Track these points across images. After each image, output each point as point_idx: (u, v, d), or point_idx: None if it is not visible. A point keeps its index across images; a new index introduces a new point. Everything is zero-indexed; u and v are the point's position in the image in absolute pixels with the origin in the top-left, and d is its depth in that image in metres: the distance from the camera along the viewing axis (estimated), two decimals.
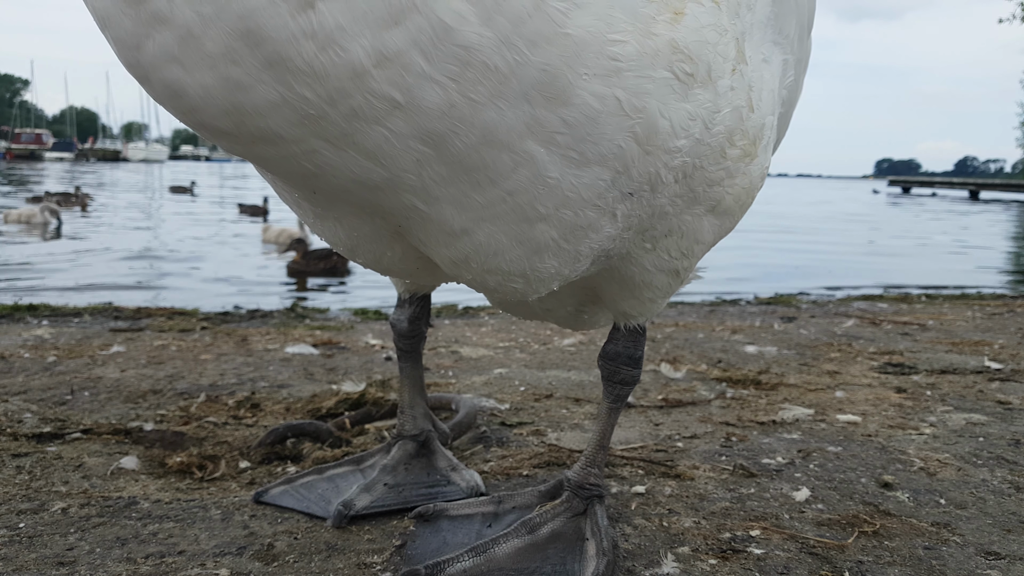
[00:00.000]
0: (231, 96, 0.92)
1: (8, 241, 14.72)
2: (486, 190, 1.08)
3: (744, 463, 2.13)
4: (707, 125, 1.17)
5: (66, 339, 3.72)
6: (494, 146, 1.02)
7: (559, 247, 1.21)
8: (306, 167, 1.02)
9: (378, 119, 0.95)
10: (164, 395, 2.74)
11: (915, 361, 3.60)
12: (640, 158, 1.12)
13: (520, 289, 1.30)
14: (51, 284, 9.90)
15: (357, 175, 1.03)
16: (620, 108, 1.05)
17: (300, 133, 0.96)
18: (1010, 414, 2.72)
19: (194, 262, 12.62)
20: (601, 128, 1.06)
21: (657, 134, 1.11)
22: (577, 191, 1.12)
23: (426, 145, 0.99)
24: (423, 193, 1.08)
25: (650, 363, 3.44)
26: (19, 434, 2.23)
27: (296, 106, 0.92)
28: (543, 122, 1.02)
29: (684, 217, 1.33)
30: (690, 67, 1.10)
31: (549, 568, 1.48)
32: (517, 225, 1.15)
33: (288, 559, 1.54)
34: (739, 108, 1.22)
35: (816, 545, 1.65)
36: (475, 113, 0.97)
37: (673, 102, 1.10)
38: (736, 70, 1.19)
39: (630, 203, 1.19)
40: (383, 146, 0.98)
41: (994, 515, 1.84)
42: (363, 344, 3.82)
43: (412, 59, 0.90)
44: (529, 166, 1.06)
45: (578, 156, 1.08)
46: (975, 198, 65.09)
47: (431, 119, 0.96)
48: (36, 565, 1.49)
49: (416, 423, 1.94)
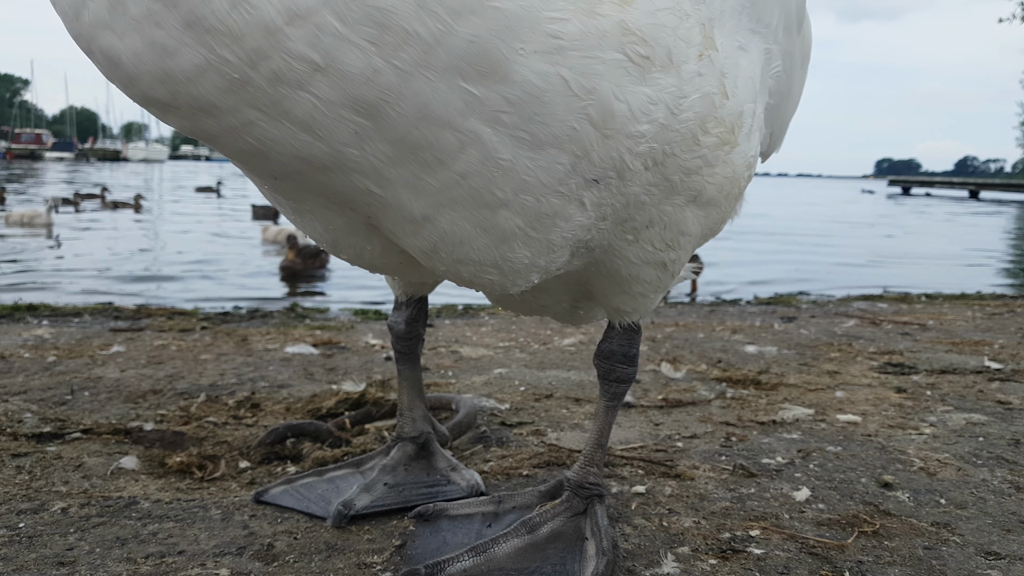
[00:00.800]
0: (160, 62, 0.93)
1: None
2: (437, 172, 1.07)
3: (744, 463, 2.13)
4: (672, 110, 1.15)
5: (66, 339, 3.72)
6: (433, 122, 1.00)
7: (527, 236, 1.19)
8: (250, 143, 1.02)
9: (301, 83, 0.94)
10: (164, 395, 2.74)
11: (915, 361, 3.60)
12: (599, 142, 1.10)
13: (496, 281, 1.28)
14: (52, 281, 9.91)
15: (299, 151, 1.02)
16: (568, 88, 1.03)
17: (232, 101, 0.96)
18: (1010, 414, 2.72)
19: (195, 262, 12.63)
20: (550, 108, 1.04)
21: (614, 117, 1.09)
22: (535, 175, 1.10)
23: (360, 115, 0.98)
24: (374, 174, 1.07)
25: (650, 363, 3.44)
26: (19, 434, 2.23)
27: (220, 70, 0.92)
28: (483, 99, 1.00)
29: (664, 207, 1.30)
30: (645, 50, 1.08)
31: (549, 568, 1.48)
32: (478, 211, 1.13)
33: (288, 559, 1.54)
34: (710, 95, 1.20)
35: (816, 545, 1.65)
36: (404, 83, 0.96)
37: (629, 85, 1.08)
38: (704, 56, 1.17)
39: (597, 190, 1.17)
40: (314, 115, 0.97)
41: (994, 515, 1.84)
42: (363, 344, 3.82)
43: (325, 19, 0.90)
44: (476, 146, 1.05)
45: (529, 137, 1.06)
46: (975, 198, 65.11)
47: (356, 85, 0.95)
48: (36, 565, 1.49)
49: (415, 425, 1.94)
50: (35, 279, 10.33)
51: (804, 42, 1.69)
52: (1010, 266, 16.26)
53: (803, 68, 1.75)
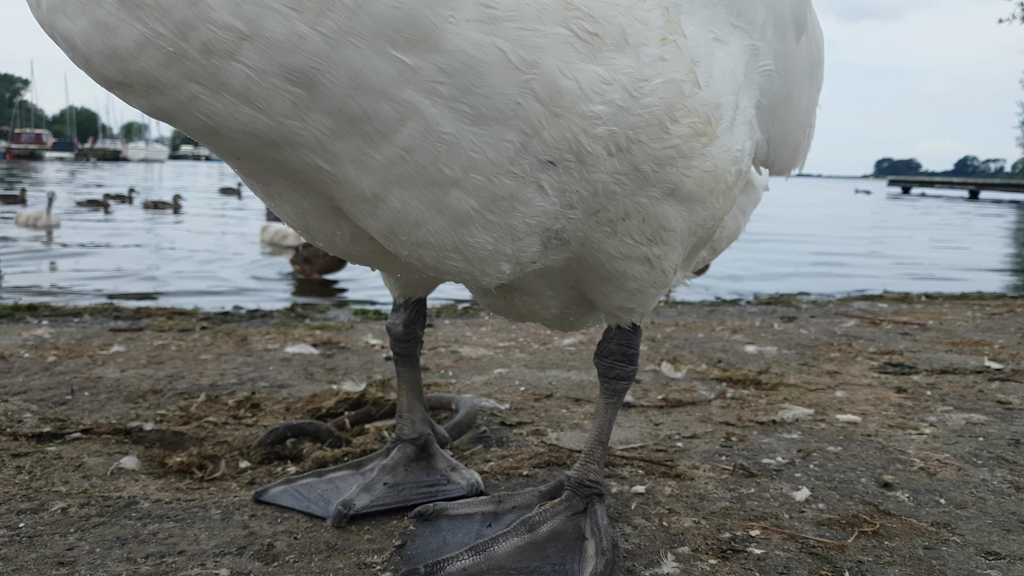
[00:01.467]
0: (105, 40, 0.97)
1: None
2: (380, 146, 1.06)
3: (744, 463, 2.13)
4: (631, 93, 1.12)
5: (66, 339, 3.72)
6: (368, 92, 1.00)
7: (485, 219, 1.16)
8: (200, 119, 1.03)
9: (231, 53, 0.95)
10: (164, 395, 2.74)
11: (915, 361, 3.60)
12: (549, 120, 1.08)
13: (463, 268, 1.26)
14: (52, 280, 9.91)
15: (245, 125, 1.03)
16: (507, 59, 1.01)
17: (174, 76, 0.98)
18: (1010, 414, 2.72)
19: (196, 263, 12.63)
20: (489, 80, 1.02)
21: (562, 94, 1.06)
22: (483, 152, 1.08)
23: (293, 84, 0.98)
24: (320, 149, 1.07)
25: (650, 363, 3.44)
26: (19, 434, 2.23)
27: (157, 44, 0.95)
28: (417, 69, 0.99)
29: (639, 199, 1.27)
30: (593, 26, 1.06)
31: (548, 567, 1.48)
32: (428, 190, 1.11)
33: (288, 559, 1.54)
34: (676, 81, 1.17)
35: (816, 545, 1.65)
36: (332, 50, 0.96)
37: (578, 62, 1.06)
38: (668, 40, 1.15)
39: (556, 173, 1.15)
40: (249, 86, 0.98)
41: (994, 515, 1.84)
42: (363, 344, 3.82)
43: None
44: (416, 119, 1.03)
45: (471, 111, 1.04)
46: (975, 198, 65.15)
47: (284, 52, 0.95)
48: (36, 565, 1.49)
49: (415, 427, 1.94)
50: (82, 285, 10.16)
51: (811, 50, 1.64)
52: (1010, 266, 16.26)
53: (812, 77, 1.71)
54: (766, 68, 1.42)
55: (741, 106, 1.33)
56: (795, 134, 1.71)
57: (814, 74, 1.72)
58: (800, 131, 1.74)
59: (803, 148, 1.87)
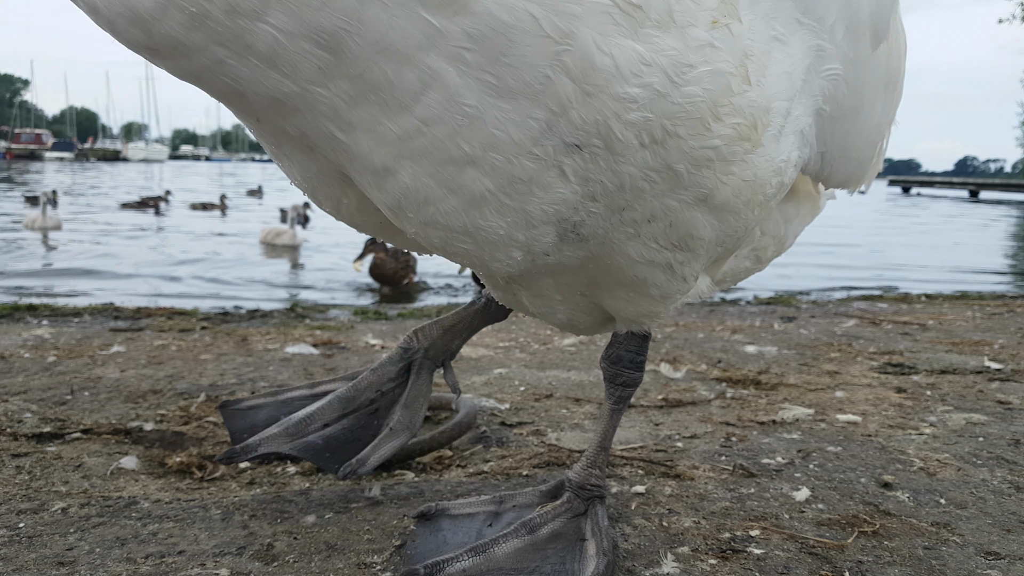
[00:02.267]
0: (126, 2, 0.94)
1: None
2: (399, 117, 1.02)
3: (744, 463, 2.13)
4: (672, 78, 1.02)
5: (66, 339, 3.72)
6: (393, 56, 0.95)
7: (500, 203, 1.10)
8: (227, 83, 1.01)
9: (257, 13, 0.92)
10: (164, 395, 2.74)
11: (915, 361, 3.60)
12: (579, 98, 1.00)
13: (472, 251, 1.20)
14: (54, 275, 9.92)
15: (271, 90, 1.00)
16: (539, 27, 0.94)
17: (198, 39, 0.95)
18: (1010, 414, 2.72)
19: (197, 262, 12.63)
20: (519, 49, 0.95)
21: (596, 70, 0.98)
22: (505, 129, 1.02)
23: (320, 48, 0.95)
24: (336, 118, 1.04)
25: (650, 363, 3.44)
26: (19, 434, 2.23)
27: (180, 4, 0.92)
28: (444, 32, 0.94)
29: (667, 201, 1.17)
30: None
31: (549, 568, 1.48)
32: (442, 167, 1.06)
33: (288, 559, 1.54)
34: (724, 73, 1.06)
35: (816, 545, 1.65)
36: (360, 8, 0.92)
37: (616, 36, 0.97)
38: (719, 24, 1.04)
39: (581, 159, 1.07)
40: (277, 49, 0.95)
41: (994, 515, 1.84)
42: (363, 344, 3.82)
43: None
44: (440, 88, 0.98)
45: (497, 81, 0.98)
46: (975, 197, 65.21)
47: (312, 11, 0.91)
48: (36, 565, 1.49)
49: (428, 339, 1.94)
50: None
51: (889, 60, 1.48)
52: (1010, 266, 16.27)
53: (888, 91, 1.54)
54: (832, 73, 1.29)
55: (794, 114, 1.23)
56: (860, 150, 1.55)
57: (891, 88, 1.55)
58: (868, 147, 1.58)
59: (870, 165, 1.72)
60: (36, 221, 16.13)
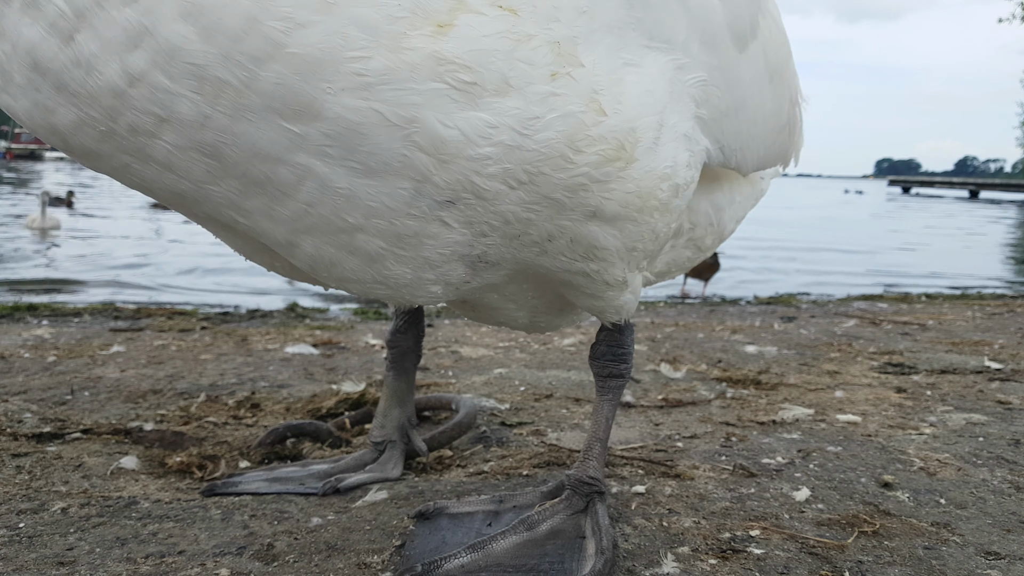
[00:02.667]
0: (46, 118, 1.07)
1: None
2: (285, 203, 1.15)
3: (744, 463, 2.13)
4: (520, 132, 1.13)
5: (66, 339, 3.72)
6: (266, 159, 1.09)
7: (396, 255, 1.22)
8: (135, 180, 1.16)
9: (153, 133, 1.06)
10: (164, 395, 2.74)
11: (915, 361, 3.60)
12: (437, 167, 1.12)
13: (392, 295, 1.32)
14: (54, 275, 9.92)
15: (171, 187, 1.14)
16: (385, 119, 1.06)
17: (108, 149, 1.09)
18: (1010, 414, 2.72)
19: (196, 262, 12.62)
20: (372, 139, 1.08)
21: (445, 143, 1.10)
22: (379, 200, 1.14)
23: (206, 156, 1.09)
24: (234, 207, 1.17)
25: (650, 363, 3.44)
26: (19, 434, 2.23)
27: (92, 124, 1.06)
28: (305, 136, 1.07)
29: (560, 222, 1.27)
30: (470, 76, 1.08)
31: (547, 565, 1.48)
32: (335, 236, 1.19)
33: (288, 559, 1.54)
34: (573, 113, 1.16)
35: (816, 545, 1.65)
36: (232, 125, 1.05)
37: (457, 112, 1.09)
38: (559, 75, 1.14)
39: (458, 210, 1.18)
40: (171, 158, 1.09)
41: (994, 515, 1.84)
42: (363, 344, 3.82)
43: (157, 78, 1.01)
44: (312, 178, 1.11)
45: (360, 166, 1.10)
46: (975, 197, 65.21)
47: (195, 130, 1.05)
48: (36, 565, 1.49)
49: (382, 431, 2.02)
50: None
51: (767, 56, 1.61)
52: (1010, 266, 16.26)
53: (775, 83, 1.66)
54: (697, 80, 1.38)
55: (669, 123, 1.31)
56: (762, 138, 1.66)
57: (777, 78, 1.67)
58: (770, 135, 1.70)
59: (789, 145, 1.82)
60: (35, 221, 16.07)
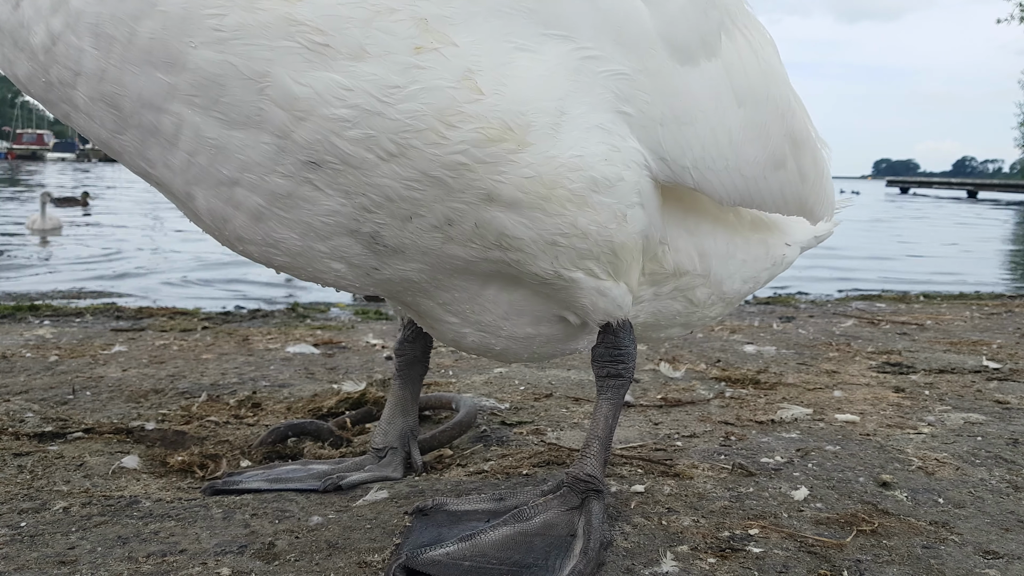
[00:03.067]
0: (11, 69, 1.29)
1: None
2: (174, 152, 1.26)
3: (743, 462, 2.13)
4: (380, 98, 1.17)
5: (68, 339, 3.72)
6: (151, 107, 1.22)
7: (279, 216, 1.29)
8: (80, 128, 1.33)
9: (72, 84, 1.23)
10: (165, 394, 2.75)
11: (913, 361, 3.61)
12: (294, 123, 1.18)
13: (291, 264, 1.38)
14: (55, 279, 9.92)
15: (97, 135, 1.31)
16: (239, 72, 1.15)
17: (52, 97, 1.28)
18: (1008, 413, 2.72)
19: (195, 261, 12.61)
20: (230, 91, 1.17)
21: (297, 99, 1.16)
22: (246, 154, 1.22)
23: (109, 106, 1.23)
24: (142, 156, 1.30)
25: (649, 362, 3.45)
26: (21, 433, 2.24)
27: (37, 75, 1.26)
28: (176, 85, 1.18)
29: (453, 204, 1.28)
30: (322, 38, 1.14)
31: (531, 560, 1.48)
32: (218, 188, 1.29)
33: (289, 557, 1.55)
34: (442, 88, 1.18)
35: (815, 544, 1.66)
36: (121, 76, 1.19)
37: (310, 71, 1.15)
38: (424, 49, 1.17)
39: (326, 175, 1.23)
40: (89, 108, 1.25)
41: (992, 514, 1.85)
42: (364, 344, 3.83)
43: (69, 37, 1.19)
44: (188, 127, 1.22)
45: (224, 116, 1.20)
46: (973, 198, 65.26)
47: (97, 82, 1.21)
48: (37, 564, 1.49)
49: (384, 438, 2.03)
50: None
51: (734, 78, 1.53)
52: (1008, 266, 16.27)
53: (745, 109, 1.55)
54: (614, 73, 1.35)
55: (573, 112, 1.30)
56: (732, 165, 1.54)
57: (753, 106, 1.57)
58: (748, 165, 1.57)
59: (784, 192, 1.69)
60: (35, 223, 16.00)
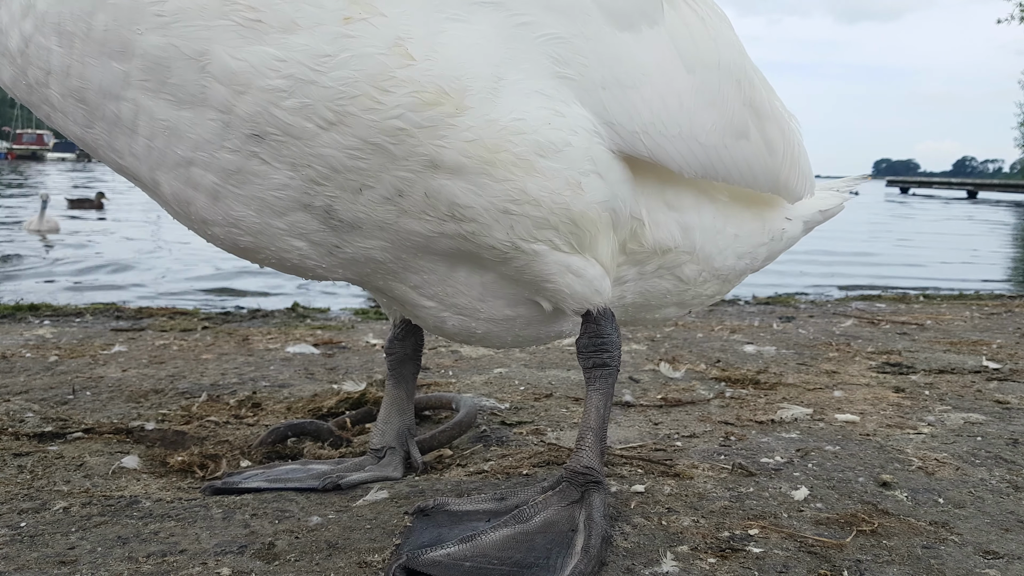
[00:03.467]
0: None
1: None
2: (136, 139, 1.33)
3: (743, 462, 2.13)
4: (312, 67, 1.21)
5: (68, 339, 3.72)
6: (111, 96, 1.28)
7: (233, 193, 1.34)
8: (59, 127, 1.39)
9: (45, 84, 1.31)
10: (165, 395, 2.75)
11: (913, 361, 3.61)
12: (235, 97, 1.23)
13: (254, 244, 1.42)
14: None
15: (73, 134, 1.38)
16: (181, 53, 1.22)
17: (34, 100, 1.36)
18: (1008, 413, 2.72)
19: (194, 261, 12.62)
20: (175, 72, 1.23)
21: (236, 73, 1.22)
22: (196, 132, 1.28)
23: (78, 101, 1.30)
24: (110, 148, 1.37)
25: (649, 363, 3.45)
26: (21, 433, 2.24)
27: (19, 78, 1.34)
28: (128, 72, 1.25)
29: (398, 173, 1.31)
30: (254, 15, 1.20)
31: (532, 560, 1.48)
32: (176, 170, 1.34)
33: (289, 558, 1.55)
34: (372, 55, 1.22)
35: (815, 544, 1.66)
36: (84, 70, 1.26)
37: (245, 46, 1.21)
38: (353, 20, 1.22)
39: (270, 147, 1.27)
40: (63, 105, 1.32)
41: (992, 514, 1.85)
42: (364, 344, 3.83)
43: (38, 39, 1.27)
44: (144, 112, 1.28)
45: (173, 97, 1.26)
46: (973, 198, 65.26)
47: (65, 78, 1.28)
48: (38, 564, 1.49)
49: (382, 438, 2.03)
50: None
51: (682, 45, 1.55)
52: (1008, 266, 16.27)
53: (695, 75, 1.56)
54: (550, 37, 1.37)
55: (511, 77, 1.33)
56: (689, 132, 1.56)
57: (703, 71, 1.59)
58: (705, 133, 1.58)
59: (751, 164, 1.70)
60: (33, 224, 15.95)
